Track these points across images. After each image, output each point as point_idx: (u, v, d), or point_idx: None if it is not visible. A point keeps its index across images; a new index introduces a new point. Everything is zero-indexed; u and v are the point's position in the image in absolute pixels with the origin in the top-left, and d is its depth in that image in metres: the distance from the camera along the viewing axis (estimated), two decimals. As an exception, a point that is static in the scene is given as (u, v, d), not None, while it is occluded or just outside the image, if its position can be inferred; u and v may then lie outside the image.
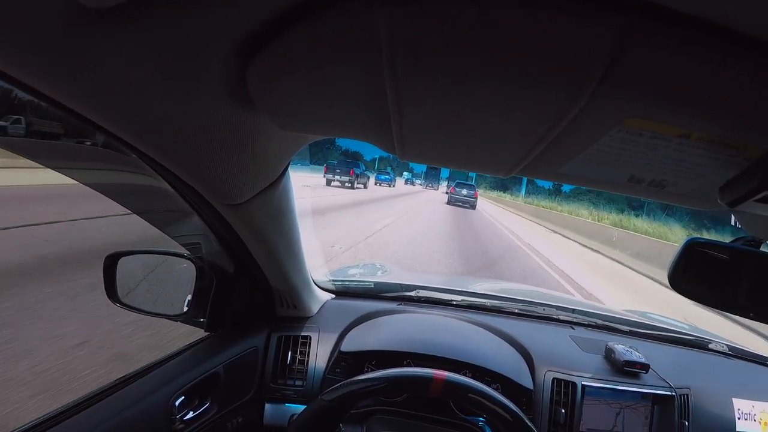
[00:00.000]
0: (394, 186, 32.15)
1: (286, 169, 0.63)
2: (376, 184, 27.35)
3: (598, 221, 16.20)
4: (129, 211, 0.78)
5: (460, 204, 20.14)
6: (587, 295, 5.26)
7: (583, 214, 19.58)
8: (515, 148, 0.38)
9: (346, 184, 18.71)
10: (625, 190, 0.45)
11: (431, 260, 5.66)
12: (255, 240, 0.74)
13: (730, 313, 0.66)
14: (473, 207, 20.11)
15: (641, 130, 0.32)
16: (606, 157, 0.37)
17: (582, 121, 0.31)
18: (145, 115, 0.38)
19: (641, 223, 15.90)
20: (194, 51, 0.32)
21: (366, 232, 7.09)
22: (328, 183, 18.45)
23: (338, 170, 18.86)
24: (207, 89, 0.37)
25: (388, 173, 32.58)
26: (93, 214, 4.45)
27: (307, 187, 12.21)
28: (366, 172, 23.86)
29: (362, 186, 20.78)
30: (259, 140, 0.49)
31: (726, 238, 0.69)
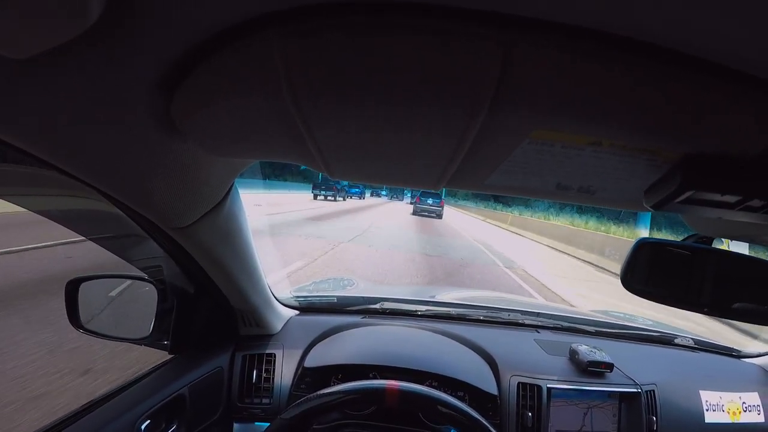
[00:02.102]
0: (363, 198, 37.73)
1: (229, 191, 0.63)
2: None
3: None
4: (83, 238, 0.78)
5: (426, 214, 19.90)
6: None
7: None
8: (433, 163, 0.39)
9: (329, 198, 24.37)
10: (557, 197, 0.46)
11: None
12: (208, 261, 0.74)
13: (683, 309, 0.67)
14: (439, 216, 19.96)
15: (552, 141, 0.33)
16: (528, 167, 0.38)
17: (489, 135, 0.32)
18: (81, 149, 0.40)
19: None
20: (119, 88, 0.34)
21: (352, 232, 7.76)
22: (315, 197, 23.68)
23: (323, 187, 24.29)
24: (136, 124, 0.38)
25: (359, 187, 36.83)
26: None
27: (258, 205, 12.41)
28: (345, 188, 28.69)
29: (342, 198, 26.49)
30: (195, 166, 0.49)
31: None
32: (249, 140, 0.40)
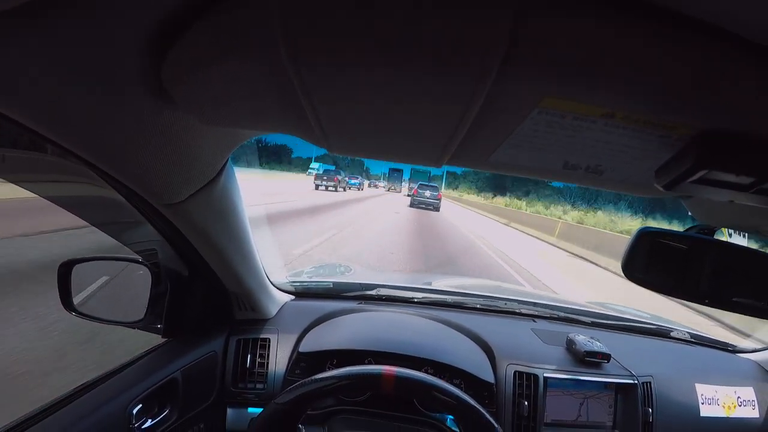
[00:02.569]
0: (362, 190, 38.22)
1: (223, 167, 0.62)
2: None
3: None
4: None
5: (423, 206, 19.44)
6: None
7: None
8: (436, 135, 0.38)
9: (329, 188, 24.58)
10: (564, 177, 0.45)
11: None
12: (202, 242, 0.73)
13: (684, 299, 0.67)
14: (437, 209, 19.50)
15: (562, 112, 0.31)
16: (535, 143, 0.37)
17: (497, 103, 0.31)
18: (67, 116, 0.38)
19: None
20: (104, 50, 0.32)
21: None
22: (317, 188, 23.57)
23: (325, 177, 25.11)
24: (126, 88, 0.37)
25: (357, 179, 38.88)
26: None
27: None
28: (346, 179, 30.55)
29: (342, 189, 27.19)
30: (187, 137, 0.48)
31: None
32: (244, 108, 0.39)
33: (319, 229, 6.90)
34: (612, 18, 0.25)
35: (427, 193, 20.05)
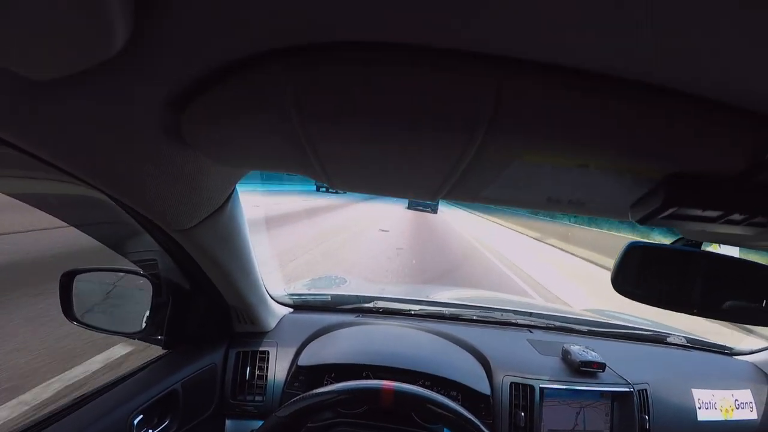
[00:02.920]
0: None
1: (230, 196, 0.64)
2: (344, 191, 33.42)
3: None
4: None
5: (420, 208, 20.03)
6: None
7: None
8: (431, 179, 0.41)
9: (330, 191, 23.86)
10: (549, 208, 0.47)
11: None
12: (207, 261, 0.75)
13: (673, 311, 0.68)
14: (434, 211, 20.17)
15: (543, 163, 0.35)
16: (519, 184, 0.40)
17: (484, 156, 0.34)
18: (94, 159, 0.43)
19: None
20: (129, 111, 0.36)
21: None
22: (318, 189, 24.24)
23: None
24: (148, 137, 0.41)
25: None
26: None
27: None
28: None
29: (343, 191, 25.95)
30: (200, 173, 0.51)
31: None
32: (255, 154, 0.43)
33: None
34: (581, 90, 0.28)
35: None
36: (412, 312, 1.24)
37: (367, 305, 1.24)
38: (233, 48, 0.29)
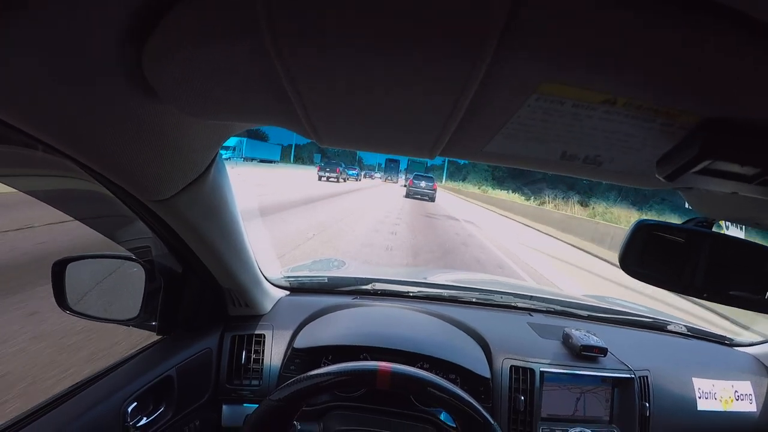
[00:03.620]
0: (359, 180, 40.77)
1: (212, 162, 0.61)
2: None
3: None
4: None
5: (419, 197, 19.77)
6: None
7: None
8: (429, 124, 0.36)
9: (331, 179, 26.63)
10: (561, 168, 0.44)
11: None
12: (193, 238, 0.72)
13: (682, 293, 0.67)
14: (432, 199, 19.76)
15: (561, 98, 0.30)
16: (531, 132, 0.36)
17: (492, 88, 0.30)
18: (49, 110, 0.38)
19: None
20: (84, 43, 0.32)
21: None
22: (320, 178, 25.54)
23: (328, 169, 27.17)
24: (108, 81, 0.36)
25: (355, 170, 41.61)
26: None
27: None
28: (347, 170, 32.88)
29: (344, 180, 29.61)
30: (173, 131, 0.47)
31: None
32: (229, 100, 0.38)
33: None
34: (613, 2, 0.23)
35: (423, 183, 20.43)
36: (411, 294, 1.23)
37: (365, 287, 1.23)
38: None
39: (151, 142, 0.47)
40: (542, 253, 8.47)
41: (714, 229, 0.68)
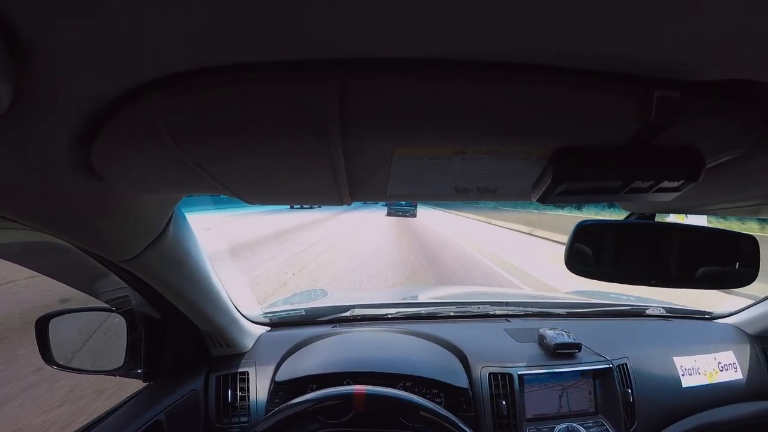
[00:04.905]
0: None
1: (170, 221, 0.64)
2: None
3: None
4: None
5: (400, 214, 20.51)
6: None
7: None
8: (327, 183, 0.41)
9: (305, 207, 22.77)
10: (461, 198, 0.47)
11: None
12: (165, 288, 0.75)
13: (630, 284, 0.69)
14: (413, 215, 20.57)
15: (419, 156, 0.34)
16: (416, 179, 0.40)
17: (357, 157, 0.34)
18: (17, 200, 0.42)
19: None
20: (38, 155, 0.36)
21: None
22: (291, 207, 21.76)
23: None
24: (65, 178, 0.40)
25: None
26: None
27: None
28: None
29: (318, 206, 24.46)
30: (126, 204, 0.51)
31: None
32: (162, 181, 0.42)
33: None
34: (430, 78, 0.27)
35: (403, 201, 20.19)
36: (389, 316, 1.26)
37: (343, 315, 1.25)
38: (109, 83, 0.29)
39: (109, 216, 0.51)
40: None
41: (659, 219, 0.70)
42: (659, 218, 0.71)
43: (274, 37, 0.24)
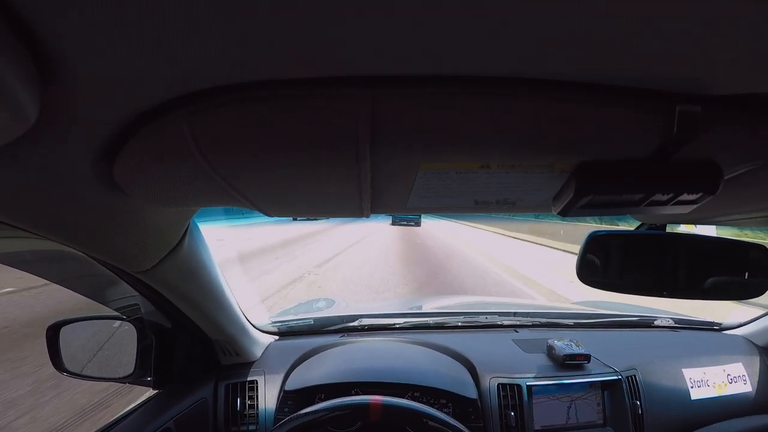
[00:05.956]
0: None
1: (186, 232, 0.65)
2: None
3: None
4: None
5: (404, 223, 20.44)
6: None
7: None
8: (350, 198, 0.42)
9: (311, 218, 20.37)
10: (480, 210, 0.47)
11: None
12: (178, 298, 0.76)
13: (641, 295, 0.69)
14: (417, 224, 20.65)
15: (444, 170, 0.35)
16: (438, 192, 0.41)
17: (383, 173, 0.35)
18: (42, 216, 0.44)
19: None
20: (62, 170, 0.38)
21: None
22: (294, 219, 20.44)
23: None
24: (86, 192, 0.42)
25: None
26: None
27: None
28: None
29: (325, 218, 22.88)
30: (145, 217, 0.52)
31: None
32: (185, 195, 0.43)
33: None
34: (460, 96, 0.28)
35: (420, 213, 20.42)
36: (397, 326, 1.26)
37: (351, 324, 1.25)
38: (137, 100, 0.30)
39: (128, 229, 0.52)
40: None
41: (670, 230, 0.70)
42: (669, 228, 0.71)
43: (309, 54, 0.24)
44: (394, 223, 20.75)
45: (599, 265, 0.69)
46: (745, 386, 1.14)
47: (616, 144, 0.32)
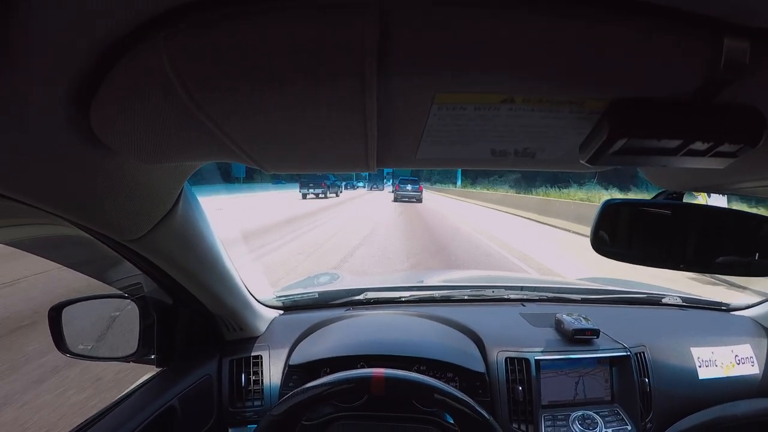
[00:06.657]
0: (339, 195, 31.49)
1: (179, 197, 0.62)
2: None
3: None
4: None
5: (406, 199, 20.70)
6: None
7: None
8: (354, 142, 0.38)
9: (320, 195, 22.00)
10: (497, 164, 0.45)
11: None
12: (176, 270, 0.74)
13: (656, 267, 0.67)
14: (419, 200, 20.77)
15: (462, 104, 0.31)
16: (451, 136, 0.37)
17: (392, 106, 0.31)
18: (15, 174, 0.39)
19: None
20: (34, 117, 0.33)
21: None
22: (304, 197, 21.35)
23: (311, 184, 22.09)
24: (64, 144, 0.38)
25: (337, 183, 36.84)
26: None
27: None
28: (336, 182, 26.44)
29: (334, 195, 24.40)
30: (133, 177, 0.49)
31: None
32: (170, 145, 0.40)
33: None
34: (479, 6, 0.24)
35: (409, 187, 21.22)
36: (403, 299, 1.24)
37: (357, 298, 1.24)
38: (107, 21, 0.26)
39: (114, 190, 0.48)
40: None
41: (685, 200, 0.68)
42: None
43: None
44: (396, 200, 20.96)
45: (615, 235, 0.67)
46: (752, 368, 1.13)
47: (654, 80, 0.29)
